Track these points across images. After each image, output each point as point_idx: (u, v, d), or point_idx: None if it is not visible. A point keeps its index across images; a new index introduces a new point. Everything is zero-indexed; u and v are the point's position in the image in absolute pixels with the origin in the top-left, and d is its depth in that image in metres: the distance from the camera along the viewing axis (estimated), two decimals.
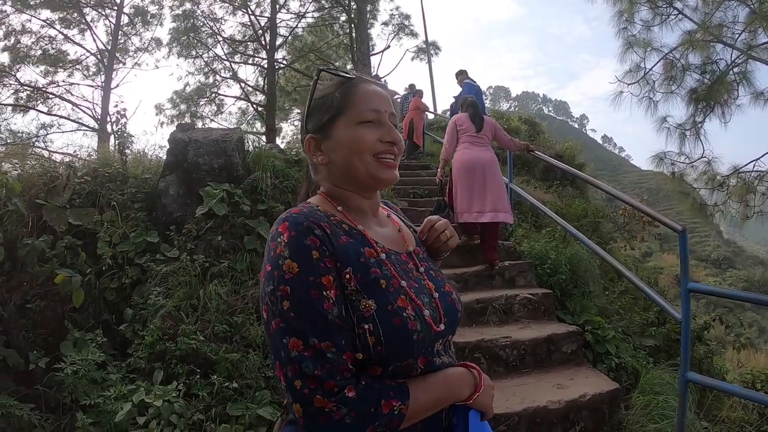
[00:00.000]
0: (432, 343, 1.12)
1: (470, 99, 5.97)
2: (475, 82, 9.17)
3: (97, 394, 3.24)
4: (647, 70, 9.09)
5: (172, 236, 4.61)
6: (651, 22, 9.00)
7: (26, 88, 17.17)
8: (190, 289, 4.14)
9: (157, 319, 3.79)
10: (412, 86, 14.51)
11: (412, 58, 20.19)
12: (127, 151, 6.07)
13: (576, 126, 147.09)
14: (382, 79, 18.94)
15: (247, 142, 6.47)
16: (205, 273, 4.34)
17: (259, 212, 5.15)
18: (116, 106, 17.17)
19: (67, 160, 5.99)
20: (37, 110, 17.37)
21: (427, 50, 19.13)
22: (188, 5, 18.05)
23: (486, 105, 9.81)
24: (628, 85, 9.26)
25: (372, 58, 18.49)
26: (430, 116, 14.46)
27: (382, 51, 19.17)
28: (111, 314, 4.20)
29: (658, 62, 9.03)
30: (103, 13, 18.15)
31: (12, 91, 16.91)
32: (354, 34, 16.24)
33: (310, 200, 1.24)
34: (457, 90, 9.50)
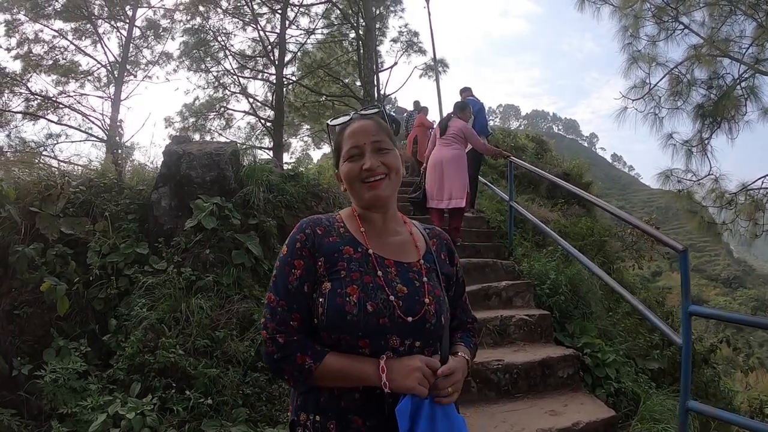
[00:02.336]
0: (377, 332, 1.41)
1: (459, 104, 7.36)
2: (478, 99, 9.16)
3: (75, 404, 3.26)
4: (652, 85, 9.12)
5: (161, 248, 4.63)
6: (656, 37, 9.03)
7: (37, 96, 17.38)
8: (174, 302, 4.14)
9: (139, 331, 3.80)
10: (416, 103, 14.58)
11: (421, 75, 20.18)
12: (132, 161, 6.15)
13: (586, 144, 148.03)
14: (390, 97, 19.06)
15: (243, 156, 6.51)
16: (191, 286, 4.35)
17: (250, 226, 5.16)
18: (116, 117, 17.09)
19: (69, 168, 6.08)
20: (47, 119, 17.55)
21: (435, 67, 19.08)
22: (199, 20, 18.33)
23: (496, 123, 9.84)
24: (633, 101, 9.30)
25: (380, 74, 18.57)
26: None
27: (390, 68, 19.22)
28: (98, 324, 4.21)
29: (663, 77, 9.06)
30: (116, 25, 18.46)
31: (23, 99, 17.13)
32: (362, 51, 16.31)
33: (343, 210, 1.65)
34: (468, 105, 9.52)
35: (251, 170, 5.75)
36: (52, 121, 17.60)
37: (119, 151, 5.58)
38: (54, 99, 17.67)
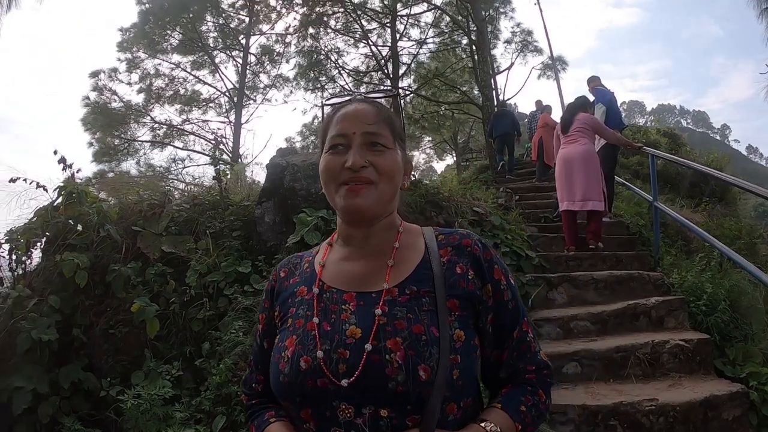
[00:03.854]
0: (318, 398, 1.06)
1: (572, 102, 7.05)
2: (608, 89, 8.44)
3: None
4: None
5: (261, 267, 4.49)
6: None
7: (162, 125, 19.18)
8: None
9: (230, 358, 3.63)
10: (539, 102, 14.02)
11: (539, 76, 19.40)
12: (243, 178, 6.20)
13: (718, 137, 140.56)
14: (510, 101, 18.51)
15: None
16: None
17: None
18: (219, 136, 18.41)
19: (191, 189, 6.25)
20: (173, 146, 19.33)
21: (554, 66, 18.29)
22: (310, 41, 18.90)
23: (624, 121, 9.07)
24: None
25: (498, 78, 18.23)
26: None
27: (507, 69, 18.65)
28: (194, 346, 4.12)
29: None
30: (231, 54, 19.82)
31: (148, 129, 19.05)
32: (476, 56, 15.94)
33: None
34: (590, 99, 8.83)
35: None
36: (177, 147, 19.33)
37: (222, 167, 5.58)
38: (178, 127, 19.34)
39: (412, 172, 1.31)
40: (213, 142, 13.84)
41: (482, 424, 1.08)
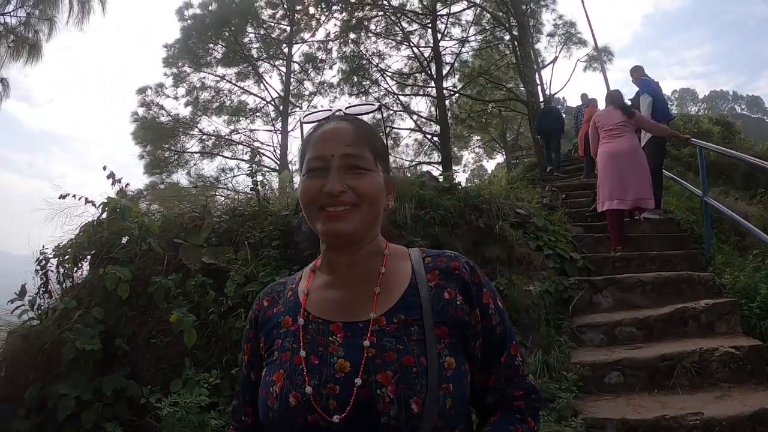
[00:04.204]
0: None
1: (613, 94, 6.94)
2: (651, 79, 8.18)
3: None
4: None
5: None
6: None
7: (210, 136, 19.87)
8: None
9: None
10: (584, 96, 13.74)
11: (585, 68, 19.25)
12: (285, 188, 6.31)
13: None
14: (556, 96, 18.21)
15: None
16: None
17: None
18: (256, 148, 18.94)
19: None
20: (222, 156, 20.00)
21: (599, 57, 17.86)
22: (352, 46, 19.16)
23: (673, 111, 8.74)
24: None
25: (542, 73, 18.13)
26: None
27: (551, 63, 18.58)
28: (232, 354, 4.25)
29: None
30: (274, 64, 20.30)
31: (197, 140, 19.79)
32: (518, 52, 15.74)
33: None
34: (633, 92, 8.58)
35: (399, 186, 5.56)
36: (226, 157, 19.95)
37: (260, 177, 5.73)
38: (226, 137, 19.96)
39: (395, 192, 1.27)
40: (250, 153, 14.17)
41: None
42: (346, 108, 1.24)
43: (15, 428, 3.71)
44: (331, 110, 1.24)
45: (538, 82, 16.84)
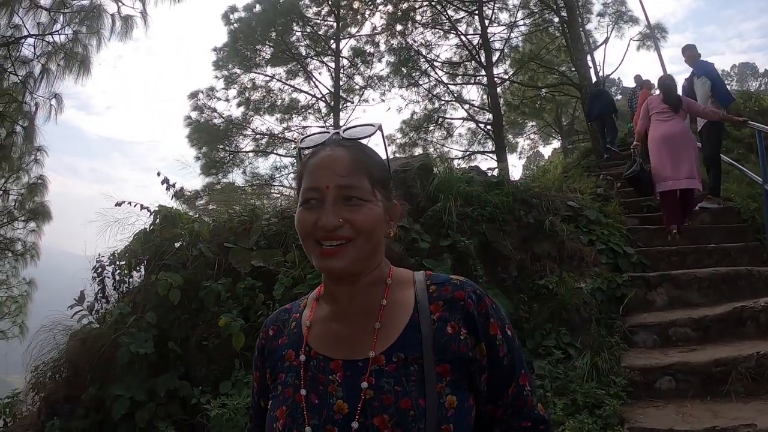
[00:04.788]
0: None
1: (666, 82, 6.87)
2: (706, 60, 7.79)
3: None
4: None
5: None
6: None
7: (264, 135, 20.30)
8: None
9: None
10: (638, 77, 13.27)
11: (638, 47, 18.55)
12: None
13: None
14: (610, 77, 17.68)
15: (438, 167, 6.36)
16: None
17: (442, 249, 4.95)
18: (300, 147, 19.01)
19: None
20: (276, 154, 20.51)
21: (652, 34, 17.24)
22: (399, 38, 19.12)
23: (733, 87, 8.30)
24: None
25: (594, 55, 17.63)
26: None
27: (603, 44, 18.02)
28: None
29: None
30: (323, 60, 20.47)
31: (251, 140, 20.32)
32: (568, 34, 15.31)
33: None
34: (687, 70, 8.19)
35: (444, 183, 5.54)
36: (280, 155, 20.43)
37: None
38: (279, 135, 20.40)
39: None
40: (297, 153, 14.44)
41: None
42: (344, 130, 1.20)
43: (74, 426, 3.96)
44: (329, 133, 1.21)
45: (590, 64, 16.35)
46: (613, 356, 4.43)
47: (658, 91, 7.41)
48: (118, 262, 4.85)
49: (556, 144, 29.31)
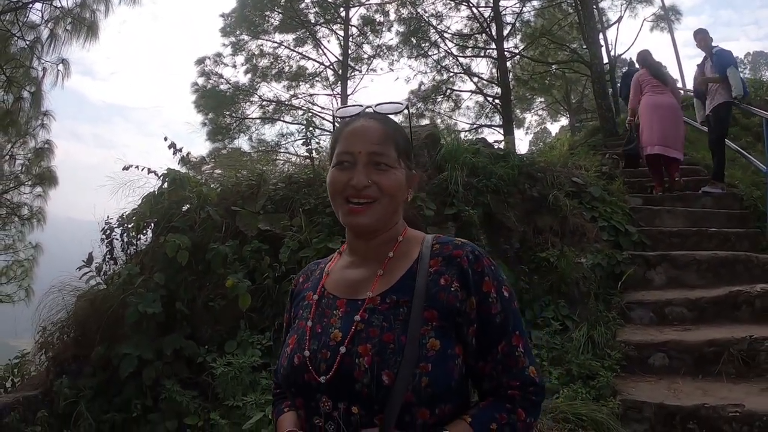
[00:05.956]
0: (306, 390, 1.21)
1: (648, 59, 7.93)
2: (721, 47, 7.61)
3: (239, 398, 3.51)
4: None
5: None
6: None
7: (271, 102, 20.23)
8: None
9: None
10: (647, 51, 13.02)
11: (651, 28, 18.44)
12: None
13: None
14: (622, 57, 17.50)
15: (444, 138, 6.35)
16: None
17: (447, 217, 5.00)
18: (308, 116, 18.97)
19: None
20: (283, 121, 20.43)
21: (666, 16, 16.98)
22: (409, 8, 18.89)
23: (745, 75, 8.26)
24: None
25: (607, 33, 17.34)
26: None
27: (616, 23, 17.76)
28: None
29: None
30: (332, 28, 20.21)
31: (257, 107, 20.21)
32: (581, 11, 15.04)
33: None
34: (699, 54, 8.04)
35: (450, 153, 5.56)
36: (286, 122, 20.35)
37: (312, 144, 5.79)
38: (286, 102, 20.26)
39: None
40: (306, 121, 14.36)
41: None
42: (376, 105, 1.37)
43: (82, 384, 4.03)
44: (362, 107, 1.37)
45: (602, 43, 16.05)
46: (609, 330, 4.50)
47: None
48: (126, 225, 4.86)
49: (564, 121, 29.17)
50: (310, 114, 19.19)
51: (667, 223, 6.25)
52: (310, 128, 6.78)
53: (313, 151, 5.81)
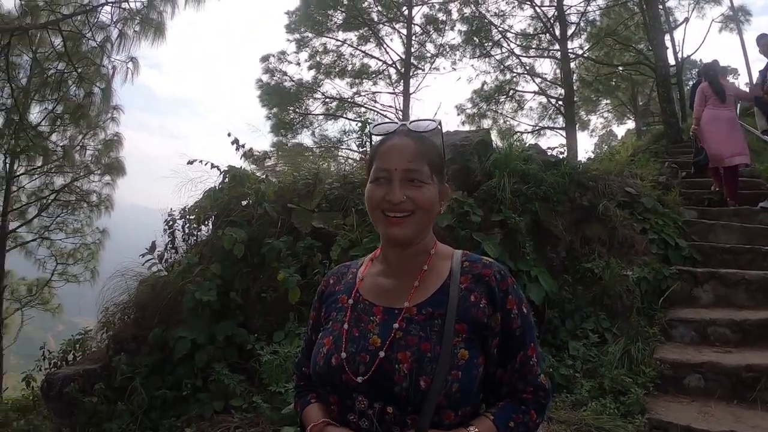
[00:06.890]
0: (342, 389, 1.32)
1: (710, 73, 7.65)
2: None
3: (282, 385, 3.74)
4: None
5: None
6: None
7: (333, 99, 20.58)
8: None
9: None
10: (714, 63, 12.51)
11: (720, 29, 17.78)
12: None
13: None
14: (690, 58, 16.85)
15: (497, 143, 6.36)
16: None
17: (494, 224, 5.00)
18: (365, 118, 19.30)
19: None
20: (345, 117, 20.75)
21: (735, 17, 16.22)
22: (472, 7, 18.80)
23: None
24: None
25: (674, 34, 16.92)
26: None
27: (683, 23, 17.28)
28: None
29: None
30: (395, 27, 20.35)
31: (321, 103, 20.60)
32: (646, 11, 14.52)
33: None
34: (762, 60, 7.76)
35: (500, 159, 5.54)
36: (349, 119, 20.61)
37: (366, 146, 5.93)
38: (349, 99, 20.58)
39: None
40: (361, 123, 14.46)
41: (468, 428, 1.29)
42: (410, 123, 1.46)
43: (139, 362, 4.36)
44: (397, 124, 1.47)
45: (669, 44, 15.59)
46: (647, 347, 4.44)
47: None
48: (188, 217, 5.18)
49: (630, 124, 28.24)
50: (366, 117, 19.36)
51: (721, 239, 6.00)
52: (365, 130, 6.92)
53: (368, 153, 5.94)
